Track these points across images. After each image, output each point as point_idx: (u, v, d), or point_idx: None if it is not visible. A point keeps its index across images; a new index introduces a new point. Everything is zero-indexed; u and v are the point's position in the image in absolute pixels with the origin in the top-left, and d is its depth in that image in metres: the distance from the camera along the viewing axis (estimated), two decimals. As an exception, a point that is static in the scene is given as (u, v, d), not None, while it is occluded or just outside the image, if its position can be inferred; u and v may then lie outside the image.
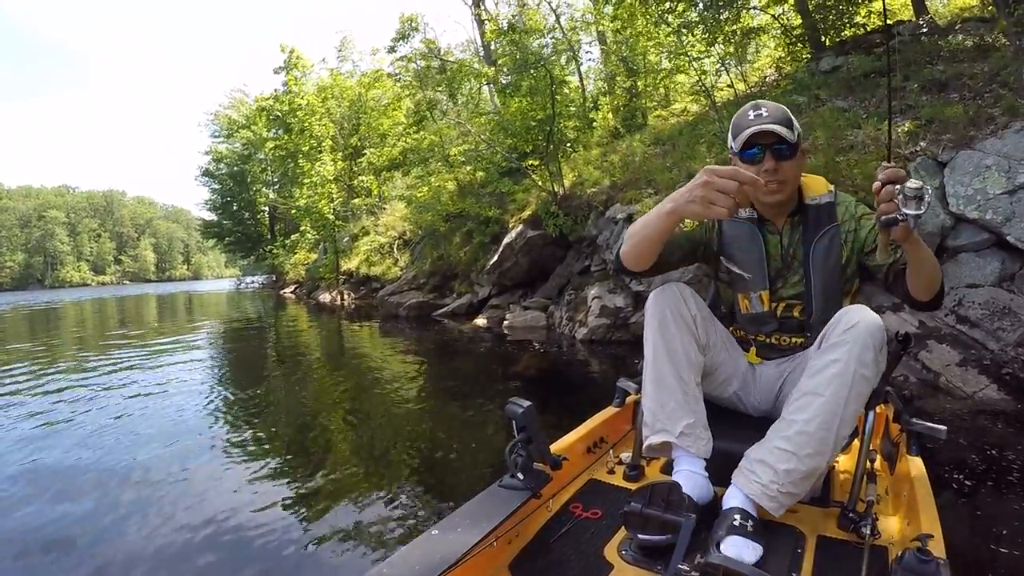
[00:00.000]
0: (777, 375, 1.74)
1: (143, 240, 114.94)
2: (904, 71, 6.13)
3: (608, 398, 2.20)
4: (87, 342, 10.61)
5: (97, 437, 4.06)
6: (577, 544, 1.50)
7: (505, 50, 11.34)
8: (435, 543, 1.27)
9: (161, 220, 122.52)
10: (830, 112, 5.98)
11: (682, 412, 1.57)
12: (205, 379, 6.12)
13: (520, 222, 9.54)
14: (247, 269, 43.62)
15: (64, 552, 2.44)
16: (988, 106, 4.81)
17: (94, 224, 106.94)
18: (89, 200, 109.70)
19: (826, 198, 1.70)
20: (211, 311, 18.78)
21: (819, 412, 1.38)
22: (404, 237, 15.79)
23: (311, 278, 22.63)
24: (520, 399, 1.60)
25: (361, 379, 5.80)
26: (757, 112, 1.60)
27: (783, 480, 1.39)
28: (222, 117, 37.09)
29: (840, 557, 1.41)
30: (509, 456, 1.57)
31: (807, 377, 1.45)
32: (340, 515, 2.60)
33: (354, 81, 22.23)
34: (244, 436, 4.00)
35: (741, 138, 1.59)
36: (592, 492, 1.78)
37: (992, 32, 6.22)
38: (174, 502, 2.87)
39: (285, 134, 22.22)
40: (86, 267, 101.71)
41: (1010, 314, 3.72)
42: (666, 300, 1.63)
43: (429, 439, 3.68)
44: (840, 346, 1.40)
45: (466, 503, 1.45)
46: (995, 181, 4.12)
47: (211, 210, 38.56)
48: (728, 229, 1.77)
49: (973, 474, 2.56)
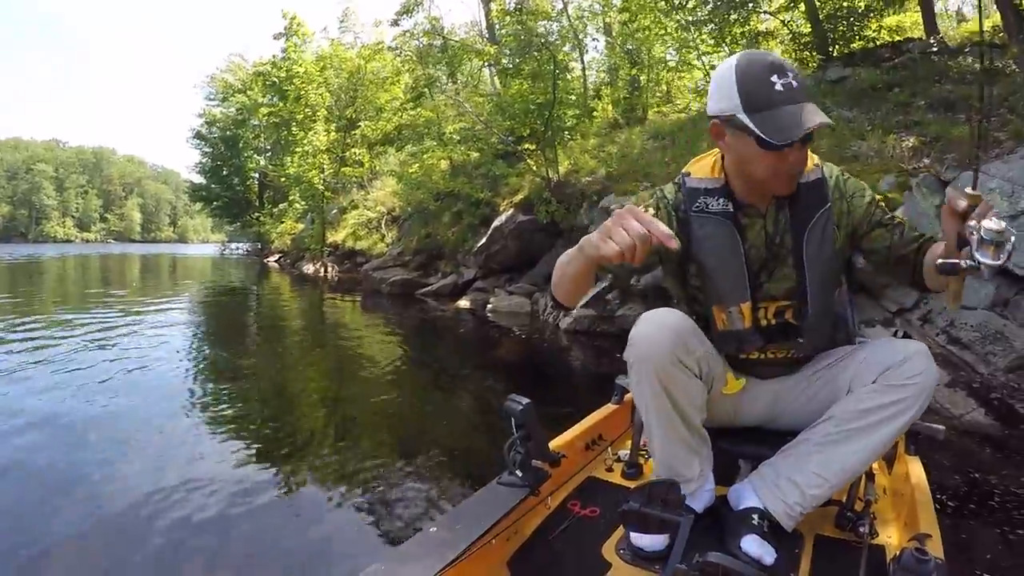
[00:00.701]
0: (772, 393, 1.54)
1: (130, 199, 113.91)
2: (912, 87, 6.09)
3: (591, 391, 2.13)
4: (68, 299, 10.47)
5: (64, 391, 3.99)
6: (575, 542, 1.50)
7: (510, 30, 11.15)
8: (433, 540, 1.26)
9: (150, 180, 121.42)
10: (836, 121, 5.91)
11: (694, 456, 1.46)
12: (182, 345, 6.02)
13: (511, 206, 9.46)
14: (232, 235, 43.16)
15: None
16: (995, 129, 4.76)
17: (82, 180, 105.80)
18: (79, 156, 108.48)
19: (815, 174, 1.41)
20: (195, 275, 18.61)
21: (864, 449, 1.32)
22: (392, 213, 15.66)
23: (296, 248, 22.51)
24: (519, 396, 1.57)
25: (340, 354, 5.73)
26: (784, 80, 1.20)
27: (808, 504, 1.36)
28: (218, 80, 36.62)
29: (838, 556, 1.41)
30: (508, 453, 1.55)
31: (861, 408, 1.32)
32: (306, 498, 2.56)
33: (354, 53, 21.92)
34: (220, 407, 3.92)
35: (768, 117, 1.20)
36: (590, 490, 1.77)
37: (1002, 57, 6.19)
38: (124, 470, 2.82)
39: (280, 101, 21.96)
40: (71, 223, 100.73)
41: (1002, 339, 3.68)
42: (664, 345, 1.32)
43: (408, 422, 3.63)
44: (905, 389, 1.29)
45: (464, 500, 1.45)
46: (998, 204, 4.07)
47: (200, 173, 38.17)
48: (696, 225, 1.42)
49: (955, 496, 2.53)
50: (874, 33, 8.39)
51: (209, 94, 37.29)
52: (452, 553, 1.20)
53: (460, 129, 12.31)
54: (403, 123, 16.36)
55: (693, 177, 1.47)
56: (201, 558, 2.11)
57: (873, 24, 8.40)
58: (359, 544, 2.23)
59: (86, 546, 2.17)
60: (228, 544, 2.20)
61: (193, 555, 2.12)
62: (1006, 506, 2.46)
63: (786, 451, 1.41)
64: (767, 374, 1.53)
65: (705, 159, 1.48)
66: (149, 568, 2.04)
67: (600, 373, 4.70)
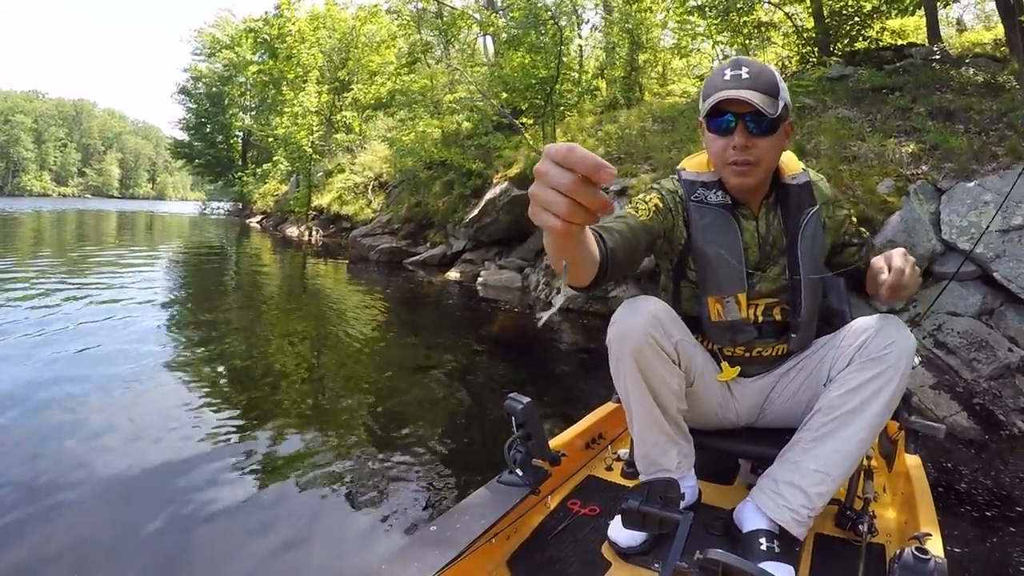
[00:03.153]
0: (758, 390, 1.55)
1: (110, 154, 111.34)
2: (913, 93, 6.14)
3: (582, 370, 2.14)
4: (36, 259, 10.15)
5: (23, 365, 3.79)
6: (575, 541, 1.50)
7: (518, 3, 10.94)
8: (434, 539, 1.27)
9: (130, 135, 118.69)
10: (836, 119, 5.95)
11: (672, 445, 1.48)
12: (158, 309, 5.90)
13: (505, 179, 9.35)
14: (213, 194, 42.41)
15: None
16: (993, 143, 4.84)
17: (61, 133, 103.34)
18: (59, 108, 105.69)
19: (803, 177, 1.48)
20: (175, 234, 18.25)
21: (860, 430, 1.30)
22: (380, 179, 15.43)
23: (280, 210, 22.14)
24: (519, 395, 1.58)
25: (329, 326, 5.68)
26: (735, 72, 1.31)
27: (815, 504, 1.32)
28: (206, 35, 35.74)
29: (837, 555, 1.41)
30: (508, 452, 1.56)
31: (844, 390, 1.32)
32: (291, 492, 2.42)
33: (349, 14, 21.45)
34: (195, 377, 3.81)
35: (710, 102, 1.31)
36: (590, 488, 1.77)
37: (1003, 72, 6.26)
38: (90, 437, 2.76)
39: (271, 59, 21.44)
40: (48, 177, 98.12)
41: (987, 348, 3.78)
42: (641, 325, 1.34)
43: (400, 405, 3.58)
44: (883, 360, 1.29)
45: (465, 499, 1.45)
46: (991, 217, 4.15)
47: (184, 129, 37.45)
48: (696, 215, 1.45)
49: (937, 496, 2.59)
50: (877, 34, 8.40)
51: (196, 48, 36.48)
52: (452, 552, 1.21)
53: (459, 99, 12.14)
54: (395, 88, 16.05)
55: (689, 171, 1.52)
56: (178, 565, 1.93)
57: (876, 25, 8.41)
58: (357, 544, 2.13)
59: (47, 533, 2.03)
60: (214, 547, 2.03)
61: (167, 562, 1.93)
62: (982, 508, 2.52)
63: (782, 456, 1.40)
64: (754, 372, 1.53)
65: (699, 156, 1.54)
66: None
67: (591, 351, 4.71)
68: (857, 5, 8.31)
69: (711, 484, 1.75)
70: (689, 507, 1.52)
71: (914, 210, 4.38)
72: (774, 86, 1.30)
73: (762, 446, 1.52)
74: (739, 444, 1.61)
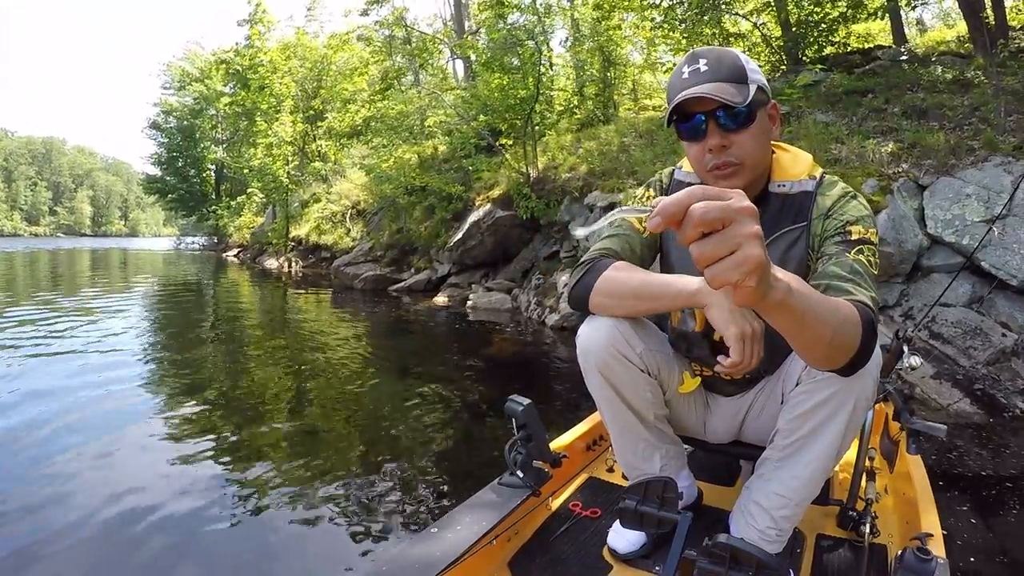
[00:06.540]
0: (735, 409, 1.49)
1: (80, 192, 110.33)
2: (886, 94, 6.27)
3: (581, 383, 2.10)
4: (17, 296, 9.93)
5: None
6: (576, 542, 1.52)
7: (493, 24, 11.03)
8: (435, 541, 1.28)
9: (101, 172, 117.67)
10: (813, 124, 6.05)
11: (653, 449, 1.45)
12: (137, 347, 5.78)
13: (488, 201, 9.38)
14: (186, 229, 42.08)
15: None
16: (968, 138, 4.96)
17: (31, 172, 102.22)
18: (28, 146, 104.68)
19: (804, 185, 1.27)
20: (150, 270, 17.97)
21: (816, 458, 1.21)
22: (358, 207, 15.38)
23: (257, 242, 21.93)
24: (520, 397, 1.59)
25: (321, 354, 5.58)
26: (693, 66, 1.15)
27: (782, 526, 1.29)
28: (175, 68, 35.56)
29: (839, 555, 1.42)
30: (509, 454, 1.57)
31: (795, 414, 1.21)
32: (296, 506, 2.43)
33: (320, 42, 21.51)
34: (182, 409, 3.74)
35: (671, 106, 1.16)
36: (591, 490, 1.79)
37: (970, 68, 6.42)
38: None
39: (243, 90, 21.38)
40: (19, 216, 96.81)
41: (981, 334, 3.86)
42: (602, 339, 1.31)
43: (401, 424, 3.55)
44: (832, 382, 1.13)
45: (466, 500, 1.46)
46: (974, 209, 4.27)
47: (155, 164, 37.11)
48: None
49: (947, 482, 2.61)
50: (843, 38, 8.59)
51: (165, 82, 36.33)
52: (453, 553, 1.23)
53: (439, 123, 12.16)
54: (370, 116, 16.07)
55: (682, 171, 1.46)
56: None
57: (842, 31, 8.61)
58: (357, 549, 2.14)
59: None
60: (219, 558, 2.06)
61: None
62: (994, 494, 2.54)
63: (758, 468, 1.36)
64: (730, 391, 1.48)
65: None
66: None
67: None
68: (823, 12, 8.51)
69: (713, 485, 1.77)
70: (689, 508, 1.53)
71: (899, 207, 4.46)
72: (739, 71, 1.14)
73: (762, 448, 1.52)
74: (740, 446, 1.60)
